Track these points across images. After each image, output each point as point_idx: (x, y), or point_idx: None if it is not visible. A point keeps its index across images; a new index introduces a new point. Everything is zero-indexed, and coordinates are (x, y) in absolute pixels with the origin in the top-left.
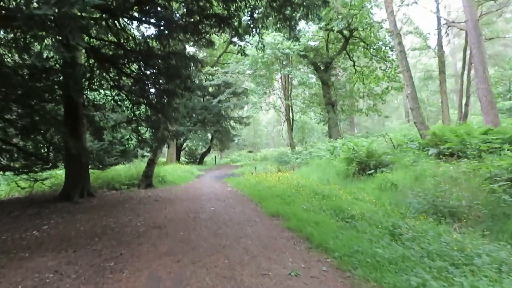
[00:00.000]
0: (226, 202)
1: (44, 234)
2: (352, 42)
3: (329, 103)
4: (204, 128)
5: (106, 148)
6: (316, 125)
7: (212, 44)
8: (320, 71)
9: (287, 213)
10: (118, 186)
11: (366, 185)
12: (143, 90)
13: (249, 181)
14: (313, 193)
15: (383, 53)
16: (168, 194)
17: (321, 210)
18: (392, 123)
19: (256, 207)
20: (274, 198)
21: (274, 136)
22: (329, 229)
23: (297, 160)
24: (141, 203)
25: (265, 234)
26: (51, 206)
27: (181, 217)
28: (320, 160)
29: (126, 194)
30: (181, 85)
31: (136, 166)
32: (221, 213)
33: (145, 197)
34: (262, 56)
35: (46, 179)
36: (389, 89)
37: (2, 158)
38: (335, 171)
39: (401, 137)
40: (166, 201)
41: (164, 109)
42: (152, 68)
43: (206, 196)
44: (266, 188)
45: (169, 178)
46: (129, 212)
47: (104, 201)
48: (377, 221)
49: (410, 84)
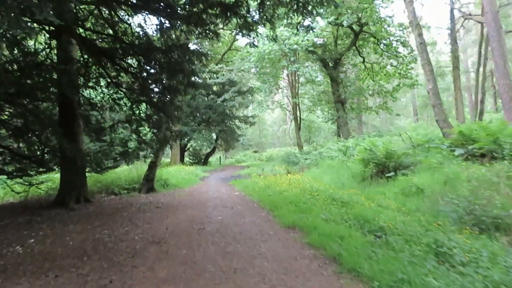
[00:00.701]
0: (234, 210)
1: (27, 251)
2: (362, 37)
3: (338, 100)
4: (209, 128)
5: (104, 150)
6: (322, 124)
7: (218, 35)
8: (329, 67)
9: (305, 225)
10: (117, 191)
11: (386, 189)
12: (144, 87)
13: (257, 184)
14: (330, 199)
15: (394, 48)
16: (170, 199)
17: (343, 220)
18: (401, 121)
19: (268, 216)
20: (288, 205)
21: (280, 136)
22: (358, 246)
23: (306, 160)
24: (141, 211)
25: (282, 253)
26: (44, 213)
27: (184, 228)
28: (332, 161)
29: (126, 199)
30: (184, 80)
31: (137, 168)
32: (229, 224)
33: (146, 203)
34: (269, 52)
35: (42, 183)
36: (401, 86)
37: None
38: (350, 173)
39: (417, 136)
40: (168, 208)
41: (166, 107)
42: (153, 63)
43: (212, 202)
44: (277, 192)
45: (172, 181)
46: (126, 222)
47: (101, 208)
48: (413, 236)
49: (431, 79)
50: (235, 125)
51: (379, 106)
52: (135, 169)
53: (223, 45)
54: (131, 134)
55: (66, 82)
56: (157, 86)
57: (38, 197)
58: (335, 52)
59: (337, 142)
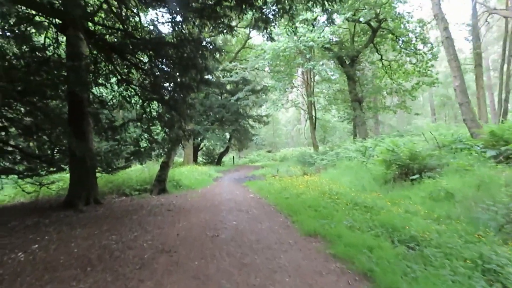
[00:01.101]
0: (249, 214)
1: (29, 258)
2: (380, 34)
3: (355, 99)
4: (222, 127)
5: (115, 150)
6: (337, 123)
7: (232, 29)
8: (346, 65)
9: (328, 233)
10: (128, 192)
11: (411, 193)
12: (155, 84)
13: (273, 185)
14: (352, 203)
15: (413, 45)
16: (183, 201)
17: (369, 228)
18: (419, 121)
19: (286, 222)
20: (306, 209)
21: (294, 135)
22: (390, 259)
23: (323, 161)
24: (152, 214)
25: (305, 267)
26: (53, 215)
27: (197, 235)
28: (350, 162)
29: (137, 201)
30: (196, 77)
31: (149, 168)
32: (245, 230)
33: (157, 206)
34: (284, 49)
35: (53, 183)
36: (420, 84)
37: (4, 161)
38: (371, 175)
39: (441, 136)
40: (180, 211)
41: (178, 105)
42: (164, 59)
43: (226, 205)
44: (294, 195)
45: (184, 182)
46: (136, 227)
47: (111, 210)
48: (452, 249)
49: (458, 76)
50: (249, 124)
51: (397, 105)
52: (147, 169)
53: (237, 43)
54: (142, 133)
55: (75, 79)
56: (169, 83)
57: (49, 198)
58: (352, 49)
59: (354, 142)
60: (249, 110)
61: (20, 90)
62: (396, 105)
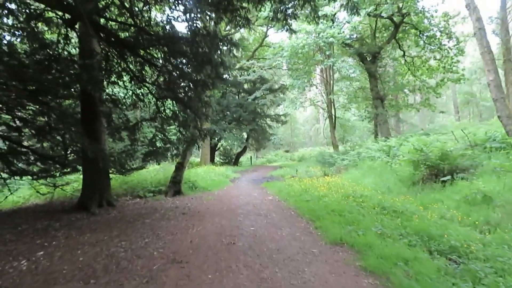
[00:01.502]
0: (268, 218)
1: (32, 267)
2: (402, 29)
3: (377, 97)
4: (239, 127)
5: (128, 151)
6: (357, 122)
7: (249, 22)
8: (367, 62)
9: (356, 241)
10: (142, 194)
11: (443, 196)
12: (169, 81)
13: (292, 187)
14: (380, 207)
15: (438, 40)
16: (198, 204)
17: (401, 235)
18: (442, 119)
19: (308, 227)
20: (330, 214)
21: (312, 135)
22: (430, 274)
23: (344, 161)
24: (165, 218)
25: (334, 283)
26: (64, 218)
27: (212, 242)
28: (372, 162)
29: (151, 203)
30: (212, 73)
31: (164, 169)
32: (264, 237)
33: (171, 209)
34: (302, 46)
35: (67, 184)
36: (445, 81)
37: (18, 162)
38: (397, 177)
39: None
40: (195, 215)
41: (193, 103)
42: (178, 55)
43: (243, 208)
44: (316, 198)
45: (200, 184)
46: (147, 232)
47: (123, 213)
48: (505, 264)
49: (492, 69)
50: (266, 124)
51: (421, 103)
52: (163, 170)
53: (254, 42)
54: (156, 133)
55: (87, 78)
56: (183, 81)
57: (63, 199)
58: (373, 45)
59: (377, 142)
60: (266, 110)
61: (33, 90)
62: (420, 103)
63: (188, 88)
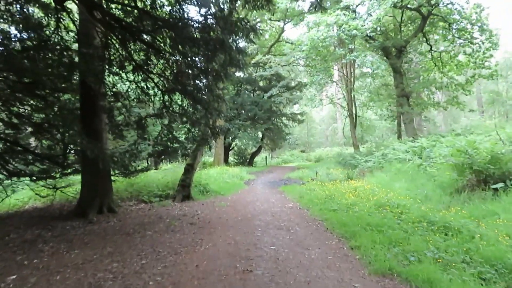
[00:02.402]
0: (291, 233)
1: None
2: (430, 22)
3: (402, 94)
4: (254, 126)
5: (132, 150)
6: (376, 122)
7: (270, 2)
8: (392, 57)
9: (410, 273)
10: (147, 199)
11: (498, 207)
12: (177, 72)
13: (314, 192)
14: (425, 222)
15: (469, 33)
16: (209, 211)
17: (466, 264)
18: (468, 119)
19: (341, 247)
20: (366, 229)
21: (329, 135)
22: None
23: (367, 163)
24: (170, 229)
25: None
26: (59, 226)
27: (223, 269)
28: (401, 164)
29: (156, 210)
30: (226, 60)
31: (174, 170)
32: (288, 262)
33: (178, 217)
34: (323, 39)
35: (68, 186)
36: (476, 77)
37: (15, 162)
38: (435, 183)
39: None
40: (204, 226)
41: (203, 97)
42: (188, 41)
43: (261, 218)
44: (344, 206)
45: (212, 187)
46: (147, 249)
47: (124, 222)
48: None
49: None
50: (282, 123)
51: (448, 101)
52: (172, 170)
53: (270, 38)
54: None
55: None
56: (192, 71)
57: (64, 203)
58: (399, 39)
59: (404, 142)
60: (282, 108)
61: (28, 82)
62: (447, 101)
63: (198, 80)
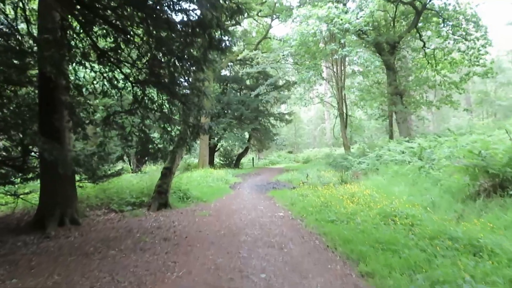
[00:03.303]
0: (285, 253)
1: None
2: (424, 17)
3: (396, 92)
4: (241, 126)
5: (99, 152)
6: (365, 122)
7: None
8: (385, 53)
9: None
10: (117, 207)
11: None
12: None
13: (307, 198)
14: (445, 237)
15: (464, 29)
16: (188, 223)
17: None
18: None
19: (349, 274)
20: (376, 248)
21: (317, 135)
22: None
23: (361, 165)
24: (138, 248)
25: None
26: (10, 242)
27: None
28: (400, 167)
29: (127, 221)
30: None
31: (152, 174)
32: None
33: (151, 230)
34: (314, 34)
35: (33, 192)
36: (470, 75)
37: None
38: (441, 187)
39: None
40: (180, 244)
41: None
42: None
43: (248, 231)
44: (344, 217)
45: (194, 192)
46: (103, 278)
47: (85, 237)
48: None
49: None
50: (270, 123)
51: (441, 100)
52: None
53: (258, 35)
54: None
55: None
56: (169, 58)
57: (26, 211)
58: (392, 34)
59: (400, 143)
60: (270, 108)
61: None
62: (440, 100)
63: (173, 68)
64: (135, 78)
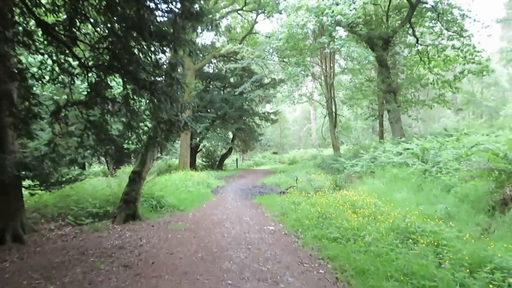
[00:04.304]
0: None
1: None
2: (418, 11)
3: (389, 90)
4: (225, 126)
5: (52, 153)
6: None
7: None
8: (378, 48)
9: None
10: (73, 220)
11: None
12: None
13: (300, 207)
14: (491, 266)
15: (459, 25)
16: (158, 240)
17: None
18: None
19: None
20: (406, 283)
21: (302, 136)
22: None
23: (354, 167)
24: (87, 281)
25: None
26: None
27: None
28: (400, 170)
29: (84, 238)
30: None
31: (121, 179)
32: None
33: (112, 251)
34: (303, 26)
35: None
36: (465, 73)
37: None
38: (455, 195)
39: None
40: (144, 274)
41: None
42: None
43: (232, 255)
44: (348, 232)
45: (169, 200)
46: None
47: (25, 263)
48: None
49: None
50: (255, 122)
51: (433, 99)
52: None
53: (243, 31)
54: (87, 126)
55: None
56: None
57: None
58: (385, 29)
59: (396, 143)
60: (255, 107)
61: None
62: (433, 99)
63: (137, 49)
64: (94, 63)
